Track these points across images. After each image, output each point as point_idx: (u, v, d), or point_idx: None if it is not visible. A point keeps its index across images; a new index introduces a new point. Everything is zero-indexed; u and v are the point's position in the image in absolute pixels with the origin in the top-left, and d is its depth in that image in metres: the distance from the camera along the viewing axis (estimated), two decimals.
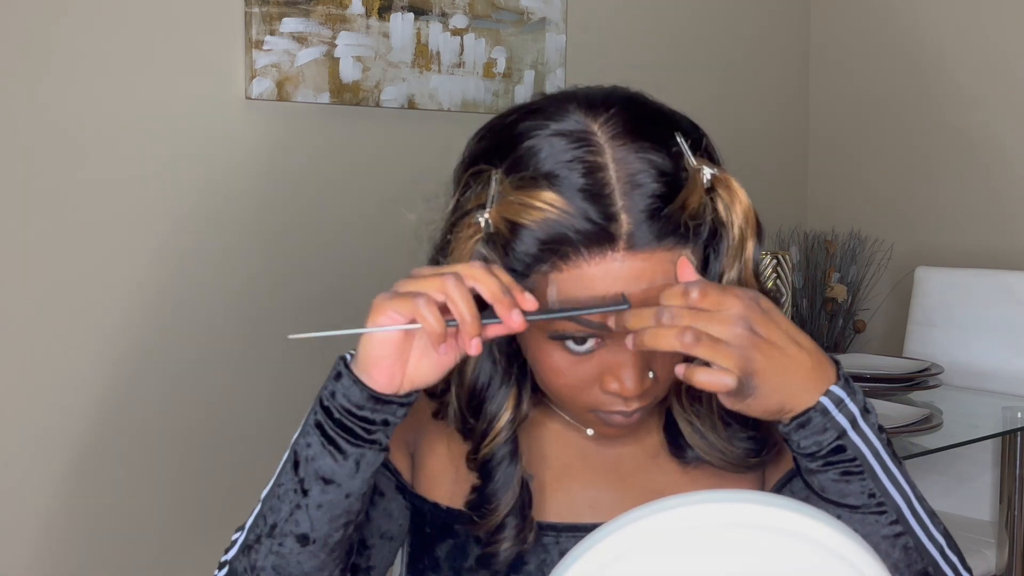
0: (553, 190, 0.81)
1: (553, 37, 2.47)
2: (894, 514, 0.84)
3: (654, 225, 0.81)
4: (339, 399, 0.81)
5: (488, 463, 0.92)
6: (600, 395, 0.87)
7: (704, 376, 0.78)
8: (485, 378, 0.90)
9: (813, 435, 0.81)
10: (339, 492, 0.83)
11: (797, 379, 0.80)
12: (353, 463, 0.82)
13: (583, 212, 0.81)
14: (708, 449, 0.93)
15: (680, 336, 0.77)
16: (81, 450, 1.89)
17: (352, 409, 0.81)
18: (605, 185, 0.81)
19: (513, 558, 0.93)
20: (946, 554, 0.87)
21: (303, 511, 0.84)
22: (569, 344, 0.85)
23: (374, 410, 0.81)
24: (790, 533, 0.68)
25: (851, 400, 0.82)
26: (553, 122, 0.85)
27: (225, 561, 0.91)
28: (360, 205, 2.20)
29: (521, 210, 0.82)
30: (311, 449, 0.83)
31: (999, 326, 2.46)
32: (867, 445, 0.83)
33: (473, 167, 0.87)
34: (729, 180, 0.85)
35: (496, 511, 0.91)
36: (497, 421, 0.90)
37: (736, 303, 0.78)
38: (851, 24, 3.07)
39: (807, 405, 0.81)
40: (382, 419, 0.82)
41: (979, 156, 2.81)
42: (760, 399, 0.80)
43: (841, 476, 0.83)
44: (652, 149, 0.83)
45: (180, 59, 1.97)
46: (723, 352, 0.77)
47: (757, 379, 0.79)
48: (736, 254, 0.85)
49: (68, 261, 1.87)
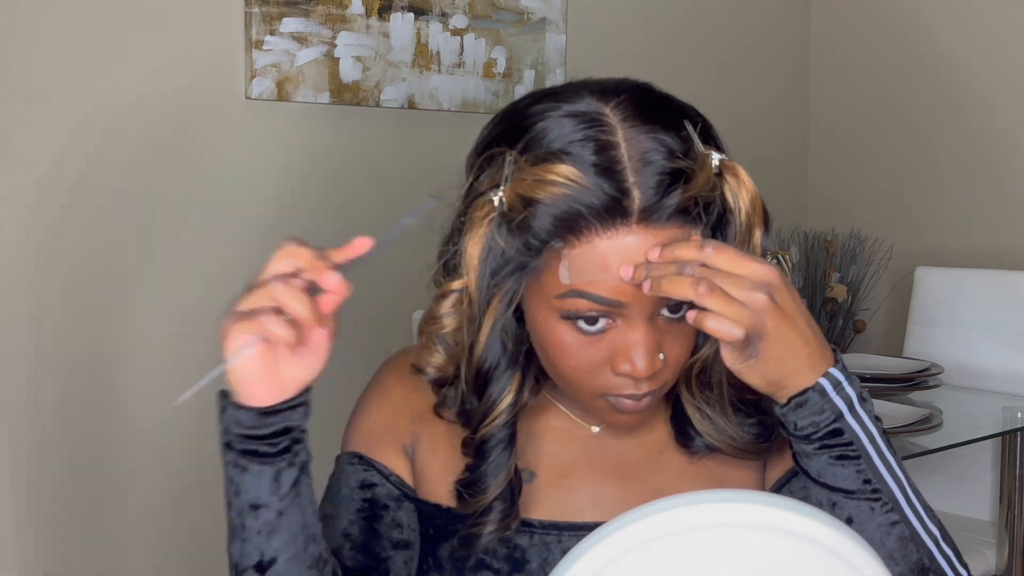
0: (568, 163, 0.83)
1: (553, 37, 2.47)
2: (889, 502, 0.84)
3: (666, 201, 0.82)
4: (234, 429, 0.82)
5: (484, 445, 0.92)
6: (611, 378, 0.87)
7: (713, 321, 0.79)
8: (493, 360, 0.91)
9: (810, 415, 0.82)
10: (270, 512, 0.84)
11: (801, 356, 0.81)
12: (269, 481, 0.83)
13: (597, 186, 0.82)
14: (717, 435, 0.94)
15: (695, 285, 0.78)
16: (82, 450, 1.89)
17: (248, 432, 0.82)
18: (617, 162, 0.82)
19: (508, 559, 0.94)
20: (941, 546, 0.87)
21: (249, 543, 0.84)
22: (580, 324, 0.85)
23: (268, 424, 0.82)
24: (790, 533, 0.68)
25: (849, 384, 0.83)
26: (566, 104, 0.86)
27: None
28: (360, 205, 2.20)
29: (536, 186, 0.82)
30: (232, 484, 0.84)
31: (999, 326, 2.46)
32: (863, 430, 0.84)
33: (487, 151, 0.88)
34: (736, 167, 0.86)
35: (485, 492, 0.92)
36: (499, 403, 0.91)
37: (763, 268, 0.80)
38: (851, 24, 3.07)
39: (806, 384, 0.82)
40: (282, 427, 0.83)
41: (979, 156, 2.81)
42: (761, 364, 0.81)
43: (836, 460, 0.83)
44: (662, 130, 0.84)
45: (180, 59, 1.97)
46: (735, 307, 0.78)
47: (764, 343, 0.80)
48: (743, 241, 0.86)
49: (68, 259, 1.87)
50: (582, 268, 0.83)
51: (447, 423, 0.96)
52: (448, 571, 0.96)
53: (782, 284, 0.81)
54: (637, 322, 0.85)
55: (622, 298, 0.83)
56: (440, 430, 0.97)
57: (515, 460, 0.93)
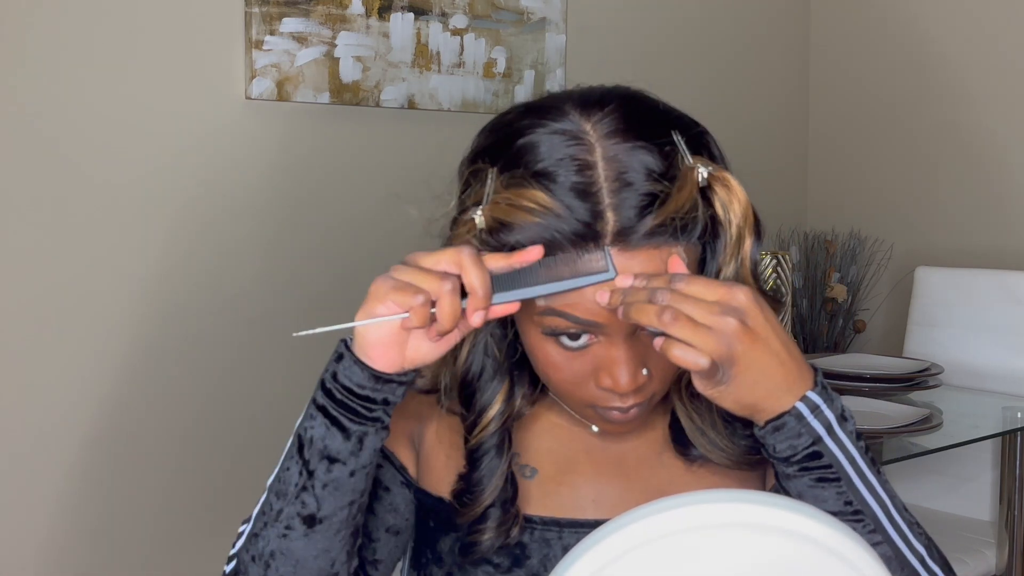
0: (542, 189, 0.82)
1: (553, 37, 2.47)
2: (871, 523, 0.84)
3: (643, 223, 0.82)
4: (341, 379, 0.84)
5: (475, 452, 0.93)
6: (596, 391, 0.88)
7: (679, 351, 0.78)
8: (477, 368, 0.92)
9: (787, 439, 0.82)
10: (343, 470, 0.85)
11: (776, 380, 0.81)
12: (356, 441, 0.85)
13: (570, 210, 0.82)
14: (709, 446, 0.94)
15: (660, 313, 0.78)
16: (83, 450, 1.89)
17: (354, 389, 0.83)
18: (593, 183, 0.82)
19: (509, 555, 0.94)
20: (927, 564, 0.87)
21: (309, 492, 0.86)
22: (563, 340, 0.86)
23: (375, 389, 0.84)
24: (790, 533, 0.68)
25: (827, 407, 0.82)
26: (549, 120, 0.86)
27: (233, 554, 0.92)
28: (360, 205, 2.20)
29: (510, 210, 0.83)
30: (315, 431, 0.85)
31: (999, 326, 2.46)
32: (843, 452, 0.83)
33: (473, 164, 0.88)
34: (727, 178, 0.85)
35: (477, 501, 0.92)
36: (486, 413, 0.92)
37: (732, 292, 0.79)
38: (851, 24, 3.07)
39: (783, 409, 0.81)
40: (382, 398, 0.84)
41: (979, 156, 2.81)
42: (735, 389, 0.80)
43: (816, 482, 0.83)
44: (644, 148, 0.84)
45: (180, 59, 1.97)
46: (701, 334, 0.78)
47: (736, 369, 0.79)
48: (733, 252, 0.85)
49: (67, 261, 1.87)
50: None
51: (452, 416, 0.97)
52: (448, 565, 0.96)
53: (754, 306, 0.80)
54: (617, 340, 0.85)
55: (598, 319, 0.83)
56: (445, 424, 0.98)
57: (509, 466, 0.93)
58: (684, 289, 0.79)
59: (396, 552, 0.99)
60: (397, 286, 0.80)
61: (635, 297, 0.80)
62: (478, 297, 0.80)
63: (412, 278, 0.80)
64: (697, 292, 0.79)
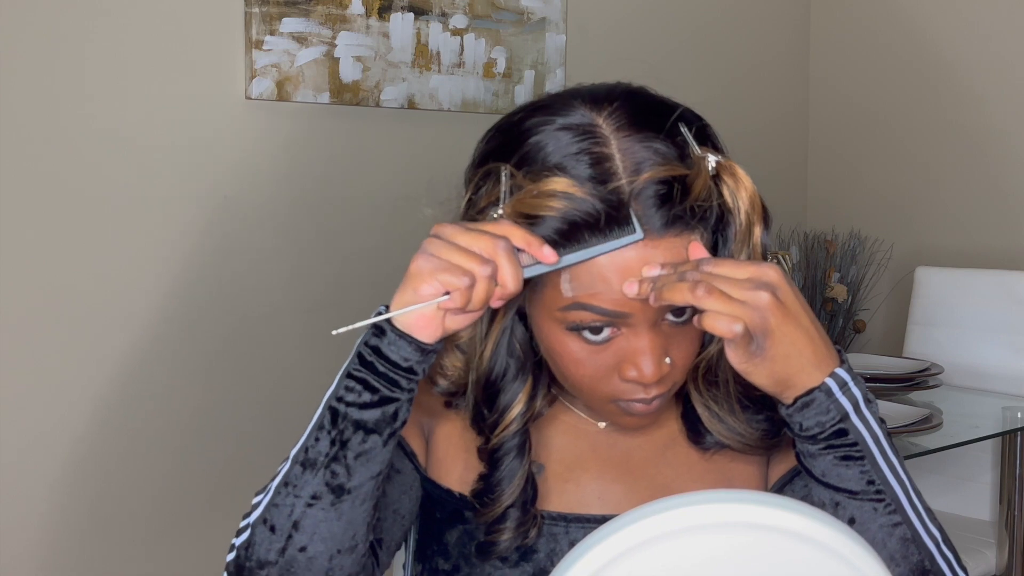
0: (566, 176, 0.83)
1: (553, 37, 2.47)
2: (892, 503, 0.85)
3: (662, 211, 0.83)
4: (387, 353, 0.83)
5: (496, 453, 0.93)
6: (619, 384, 0.88)
7: (714, 319, 0.79)
8: (501, 368, 0.92)
9: (816, 415, 0.82)
10: (377, 441, 0.85)
11: (807, 355, 0.81)
12: (392, 413, 0.85)
13: (594, 198, 0.82)
14: (727, 432, 0.95)
15: (693, 288, 0.78)
16: (82, 449, 1.89)
17: (399, 362, 0.83)
18: (613, 174, 0.83)
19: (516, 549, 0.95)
20: (942, 549, 0.88)
21: (340, 462, 0.85)
22: (586, 334, 0.86)
23: (419, 361, 0.84)
24: (790, 533, 0.68)
25: (855, 385, 0.83)
26: (559, 117, 0.87)
27: (245, 525, 0.89)
28: (360, 205, 2.20)
29: (536, 201, 0.83)
30: (352, 401, 0.85)
31: (999, 326, 2.46)
32: (868, 431, 0.84)
33: (483, 166, 0.89)
34: (734, 167, 0.86)
35: (498, 501, 0.93)
36: (509, 412, 0.92)
37: (762, 268, 0.80)
38: (851, 24, 3.07)
39: (812, 384, 0.82)
40: (422, 368, 0.85)
41: (979, 156, 2.81)
42: (768, 362, 0.81)
43: (841, 460, 0.84)
44: (656, 138, 0.85)
45: (180, 59, 1.97)
46: (736, 306, 0.79)
47: (769, 341, 0.80)
48: (744, 239, 0.87)
49: (68, 261, 1.87)
50: (583, 281, 0.84)
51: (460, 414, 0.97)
52: (454, 557, 0.97)
53: (784, 283, 0.81)
54: (642, 330, 0.86)
55: (625, 309, 0.84)
56: (455, 417, 0.98)
57: (528, 468, 0.94)
58: (714, 270, 0.80)
59: (398, 535, 0.99)
60: (445, 267, 0.80)
61: (663, 280, 0.81)
62: (508, 291, 0.81)
63: (458, 259, 0.80)
64: (727, 271, 0.80)
